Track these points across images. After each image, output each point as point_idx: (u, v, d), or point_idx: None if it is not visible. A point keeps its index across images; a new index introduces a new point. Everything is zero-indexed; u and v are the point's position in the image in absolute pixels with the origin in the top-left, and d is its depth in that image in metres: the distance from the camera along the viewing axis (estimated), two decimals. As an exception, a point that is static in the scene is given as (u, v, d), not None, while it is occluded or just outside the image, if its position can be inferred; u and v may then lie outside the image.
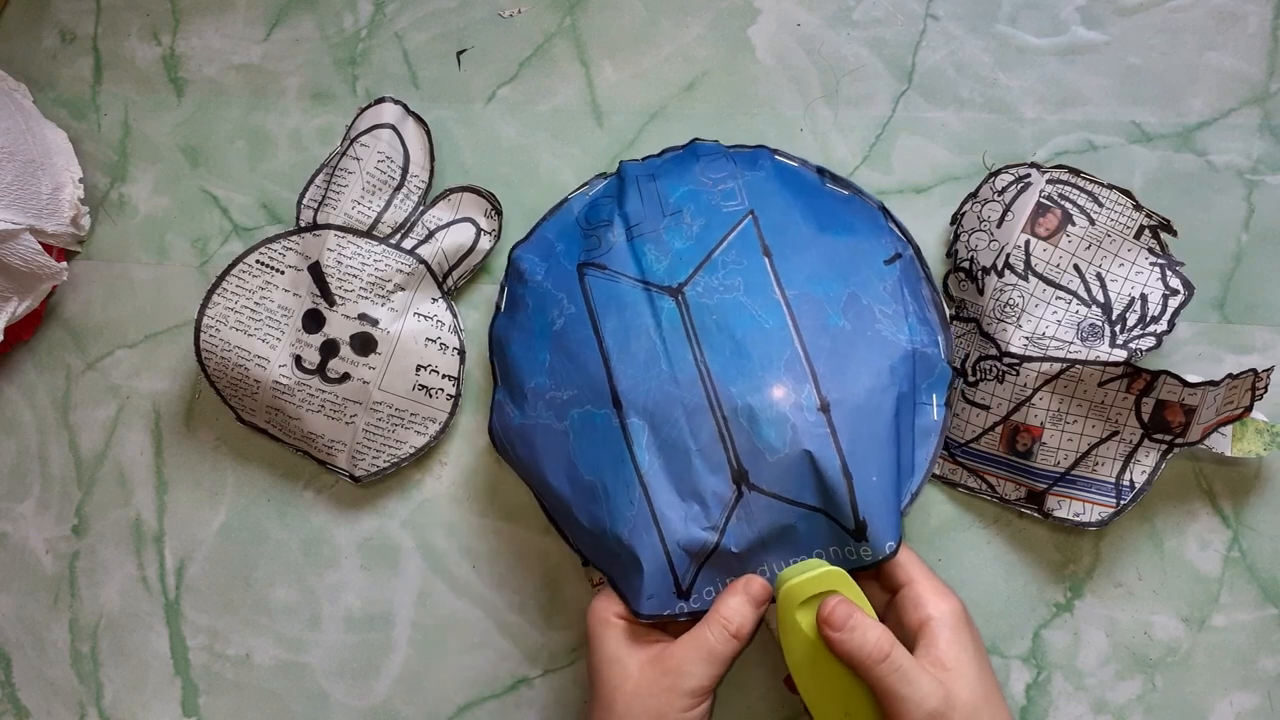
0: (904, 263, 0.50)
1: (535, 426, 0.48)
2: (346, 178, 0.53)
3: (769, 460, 0.43)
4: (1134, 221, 0.48)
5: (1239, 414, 0.45)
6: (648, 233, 0.48)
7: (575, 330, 0.47)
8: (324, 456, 0.53)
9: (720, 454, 0.44)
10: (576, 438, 0.46)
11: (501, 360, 0.51)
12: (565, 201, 0.53)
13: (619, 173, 0.51)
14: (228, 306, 0.53)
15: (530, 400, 0.48)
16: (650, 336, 0.46)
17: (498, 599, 0.53)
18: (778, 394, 0.44)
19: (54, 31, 0.61)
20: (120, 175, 0.59)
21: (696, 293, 0.46)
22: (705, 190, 0.49)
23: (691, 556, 0.44)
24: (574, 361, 0.47)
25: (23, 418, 0.58)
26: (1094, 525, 0.47)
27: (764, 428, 0.43)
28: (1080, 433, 0.47)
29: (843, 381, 0.44)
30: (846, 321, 0.46)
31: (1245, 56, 0.52)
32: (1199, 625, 0.49)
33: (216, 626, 0.55)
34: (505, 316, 0.52)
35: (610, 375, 0.46)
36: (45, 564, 0.57)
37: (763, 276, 0.46)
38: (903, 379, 0.46)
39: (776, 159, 0.52)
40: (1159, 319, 0.47)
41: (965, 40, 0.54)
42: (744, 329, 0.45)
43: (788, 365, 0.44)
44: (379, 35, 0.58)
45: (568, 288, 0.49)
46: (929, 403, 0.48)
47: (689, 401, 0.44)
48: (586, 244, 0.50)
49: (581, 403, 0.46)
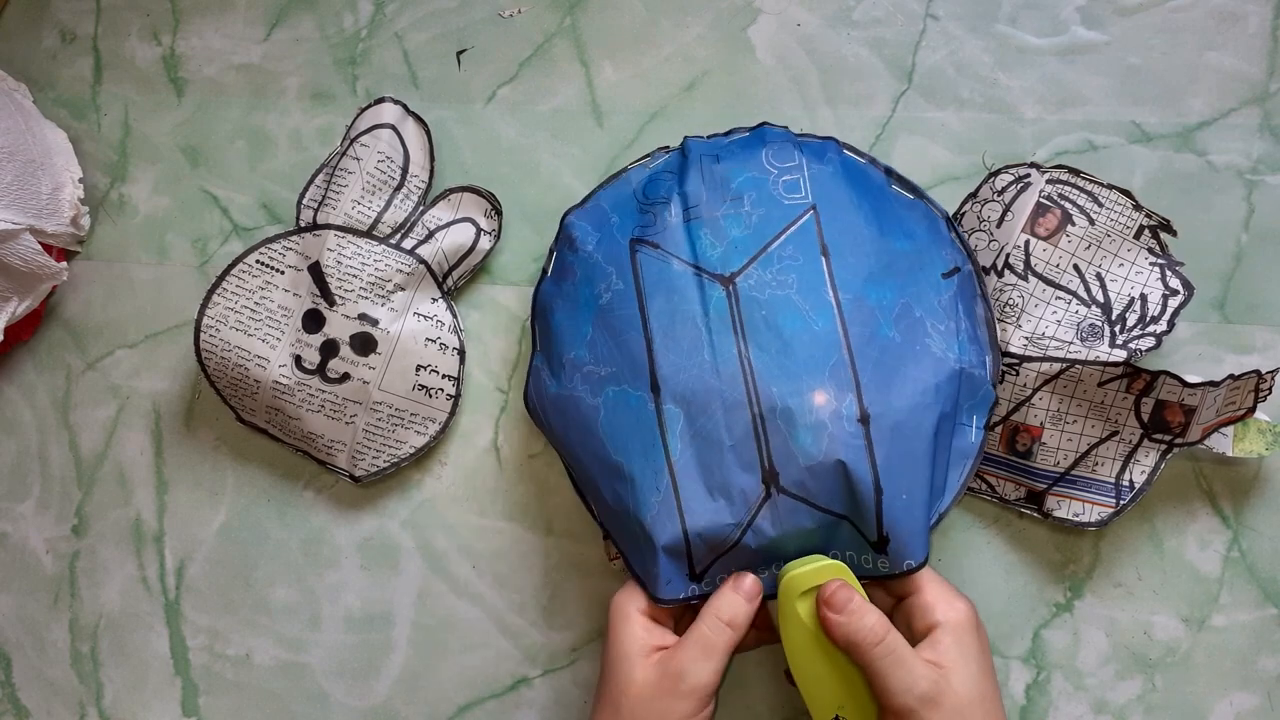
0: (962, 277, 0.48)
1: (569, 398, 0.48)
2: (346, 178, 0.53)
3: (801, 465, 0.43)
4: (1134, 221, 0.48)
5: (1241, 414, 0.45)
6: (705, 217, 0.47)
7: (621, 307, 0.47)
8: (324, 456, 0.53)
9: (753, 452, 0.43)
10: (608, 416, 0.46)
11: (544, 326, 0.50)
12: (624, 172, 0.52)
13: (682, 149, 0.50)
14: (228, 306, 0.53)
15: (568, 371, 0.48)
16: (696, 324, 0.45)
17: (498, 599, 0.53)
18: (819, 400, 0.43)
19: (54, 31, 0.61)
20: (120, 175, 0.59)
21: (748, 285, 0.45)
22: (769, 179, 0.48)
23: (710, 548, 0.44)
24: (616, 339, 0.46)
25: (23, 418, 0.58)
26: (1093, 525, 0.47)
27: (801, 433, 0.43)
28: (1080, 433, 0.47)
29: (886, 395, 0.43)
30: (897, 333, 0.45)
31: (1245, 56, 0.52)
32: (1199, 625, 0.49)
33: (216, 626, 0.55)
34: (551, 283, 0.51)
35: (652, 358, 0.45)
36: (45, 564, 0.57)
37: (818, 276, 0.45)
38: (946, 399, 0.45)
39: (845, 154, 0.50)
40: (1159, 319, 0.47)
41: (965, 40, 0.54)
42: (793, 328, 0.44)
43: (833, 371, 0.43)
44: (379, 35, 0.58)
45: (618, 262, 0.48)
46: (969, 424, 0.47)
47: (728, 396, 0.44)
48: (642, 220, 0.49)
49: (619, 381, 0.46)
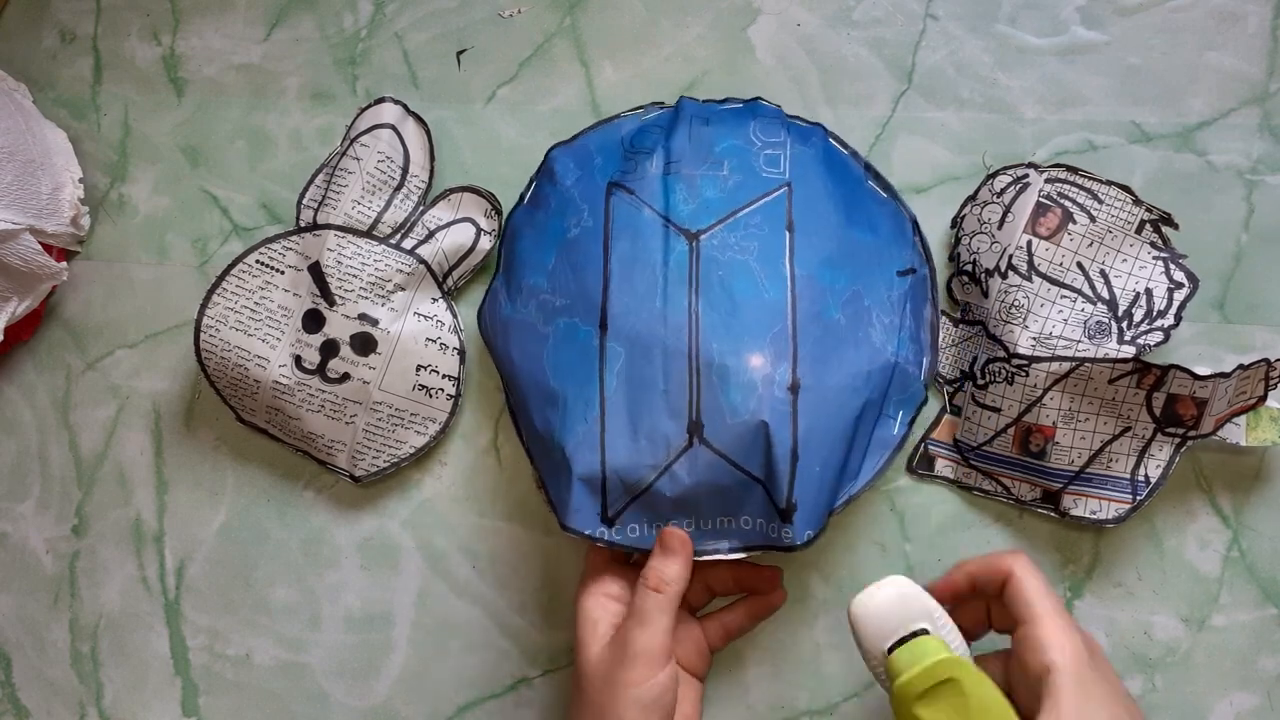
0: (916, 279, 0.51)
1: (521, 322, 0.49)
2: (346, 178, 0.53)
3: (727, 421, 0.44)
4: (1134, 216, 0.48)
5: (1253, 404, 0.45)
6: (684, 174, 0.48)
7: (586, 244, 0.48)
8: (324, 456, 0.53)
9: (683, 401, 0.45)
10: (554, 345, 0.48)
11: (509, 250, 0.52)
12: (616, 118, 0.54)
13: (676, 106, 0.51)
14: (228, 306, 0.53)
15: (524, 296, 0.50)
16: (654, 272, 0.46)
17: (498, 599, 0.53)
18: (755, 363, 0.45)
19: (54, 31, 0.61)
20: (120, 175, 0.59)
21: (712, 244, 0.47)
22: (751, 149, 0.49)
23: (626, 488, 0.45)
24: (576, 273, 0.48)
25: (23, 418, 0.58)
26: (1111, 522, 0.47)
27: (732, 390, 0.44)
28: (1093, 430, 0.47)
29: (819, 370, 0.45)
30: (843, 316, 0.47)
31: (1245, 56, 0.52)
32: (1199, 625, 0.49)
33: (216, 626, 0.55)
34: (525, 210, 0.53)
35: (606, 296, 0.47)
36: (45, 564, 0.57)
37: (779, 249, 0.47)
38: (875, 388, 0.47)
39: (829, 142, 0.52)
40: (1165, 313, 0.47)
41: (965, 40, 0.54)
42: (745, 292, 0.46)
43: (774, 339, 0.45)
44: (379, 35, 0.58)
45: (591, 201, 0.49)
46: (893, 417, 0.50)
47: (671, 344, 0.45)
48: (624, 166, 0.50)
49: (571, 314, 0.47)
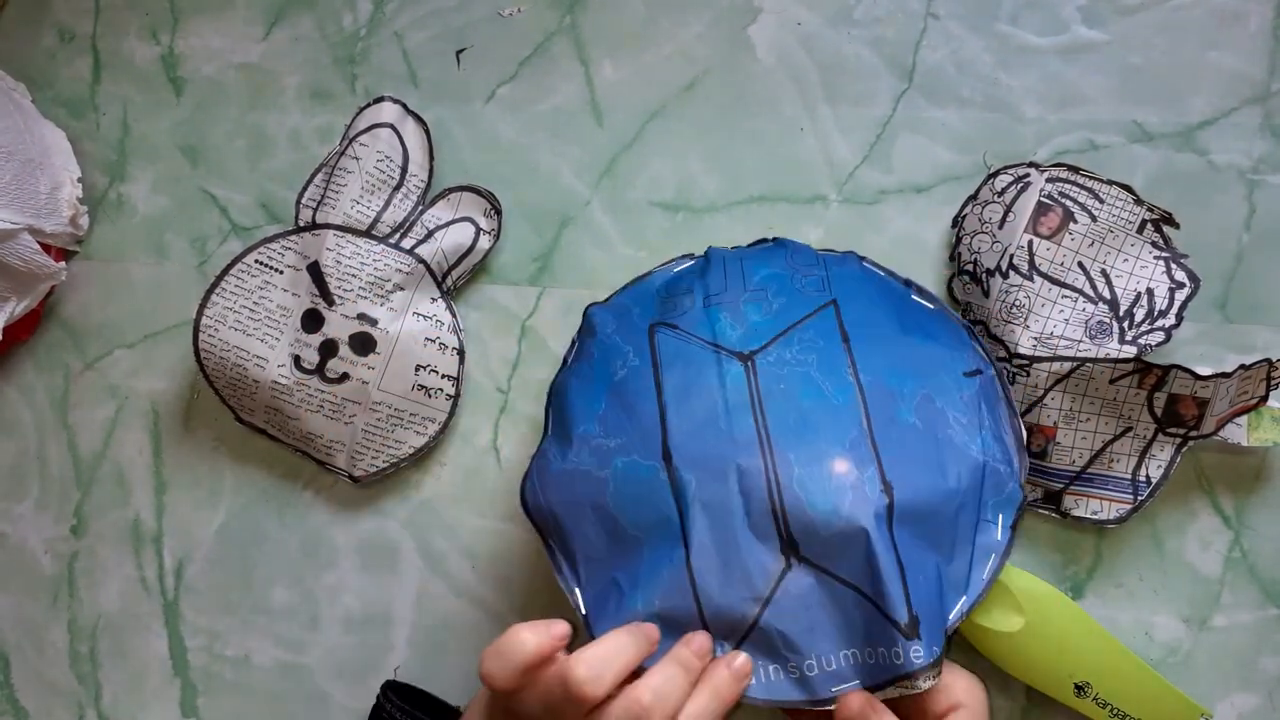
0: (984, 379, 0.46)
1: (575, 472, 0.45)
2: (345, 177, 0.53)
3: (822, 534, 0.40)
4: (1136, 216, 0.48)
5: (1254, 403, 0.44)
6: (726, 303, 0.46)
7: (635, 381, 0.45)
8: (323, 456, 0.53)
9: (770, 523, 0.41)
10: (616, 488, 0.43)
11: (556, 408, 0.48)
12: (648, 275, 0.51)
13: (705, 254, 0.49)
14: (226, 306, 0.53)
15: (575, 446, 0.45)
16: (712, 395, 0.43)
17: (497, 599, 0.53)
18: (840, 468, 0.41)
19: (53, 31, 0.61)
20: (119, 175, 0.59)
21: (768, 361, 0.44)
22: (789, 275, 0.47)
23: (729, 630, 0.41)
24: (628, 411, 0.44)
25: (21, 418, 0.58)
26: (1112, 522, 0.47)
27: (819, 498, 0.40)
28: (1094, 430, 0.47)
29: (906, 474, 0.41)
30: (918, 420, 0.43)
31: (1246, 56, 0.52)
32: (1200, 626, 0.49)
33: (215, 627, 0.55)
34: (568, 370, 0.49)
35: (664, 427, 0.43)
36: (44, 564, 0.57)
37: (839, 358, 0.44)
38: (969, 490, 0.43)
39: (864, 264, 0.50)
40: (1166, 313, 0.47)
41: (966, 39, 0.54)
42: (811, 401, 0.42)
43: (852, 445, 0.41)
44: (378, 34, 0.58)
45: (635, 342, 0.46)
46: (994, 521, 0.44)
47: (745, 464, 0.41)
48: (663, 308, 0.48)
49: (628, 451, 0.43)
